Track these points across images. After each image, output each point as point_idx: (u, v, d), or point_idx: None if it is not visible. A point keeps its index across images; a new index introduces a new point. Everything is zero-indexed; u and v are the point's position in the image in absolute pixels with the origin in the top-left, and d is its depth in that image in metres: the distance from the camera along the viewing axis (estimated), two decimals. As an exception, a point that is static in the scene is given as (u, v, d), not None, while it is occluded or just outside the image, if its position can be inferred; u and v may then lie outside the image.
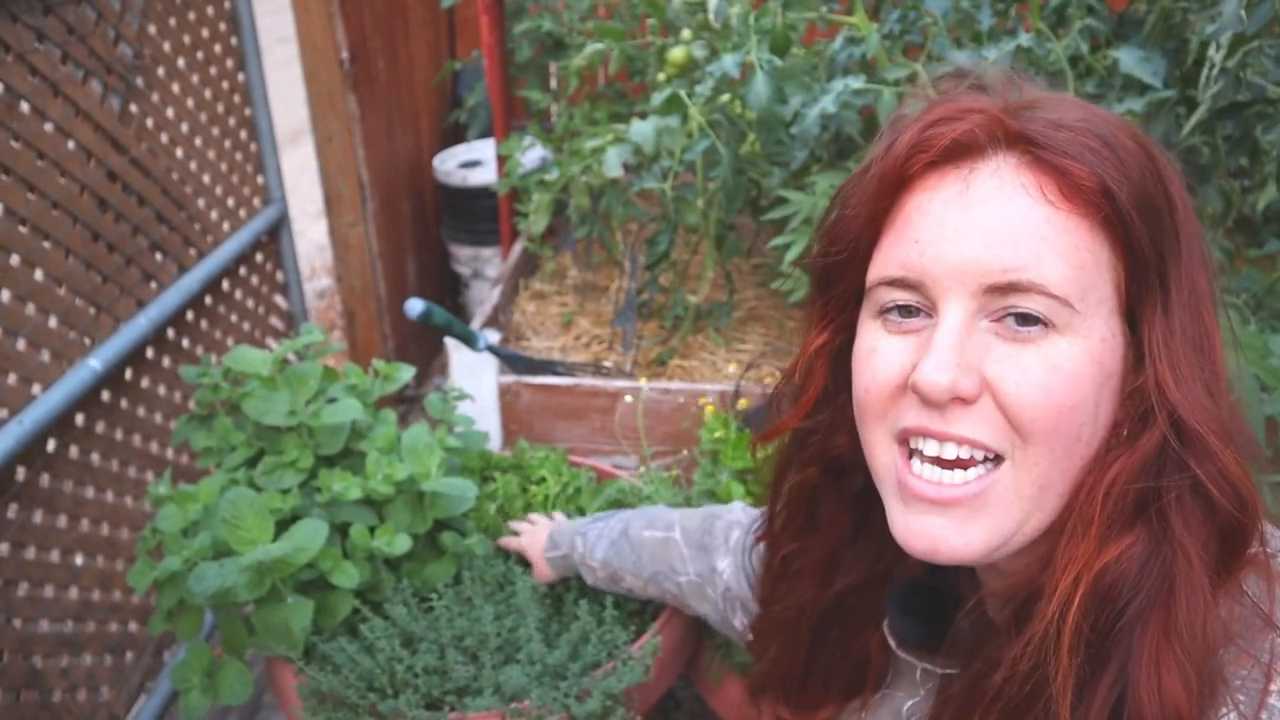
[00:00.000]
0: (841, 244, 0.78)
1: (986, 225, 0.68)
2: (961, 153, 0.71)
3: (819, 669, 0.95)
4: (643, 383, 2.16)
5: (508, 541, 1.65)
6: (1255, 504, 0.68)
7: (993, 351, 0.68)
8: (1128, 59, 1.84)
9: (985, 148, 0.71)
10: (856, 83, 1.90)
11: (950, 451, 0.70)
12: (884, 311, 0.74)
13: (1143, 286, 0.70)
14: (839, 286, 0.81)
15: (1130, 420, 0.69)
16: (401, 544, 1.51)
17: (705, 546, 1.31)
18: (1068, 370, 0.67)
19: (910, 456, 0.72)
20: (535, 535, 1.60)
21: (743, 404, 2.11)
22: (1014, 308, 0.68)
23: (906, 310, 0.73)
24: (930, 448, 0.70)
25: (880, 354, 0.73)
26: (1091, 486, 0.68)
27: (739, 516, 1.31)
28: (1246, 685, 0.64)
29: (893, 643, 0.85)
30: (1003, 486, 0.69)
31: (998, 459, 0.69)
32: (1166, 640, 0.65)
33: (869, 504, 0.86)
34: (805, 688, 0.96)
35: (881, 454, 0.75)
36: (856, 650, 0.92)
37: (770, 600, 1.01)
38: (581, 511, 1.76)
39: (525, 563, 1.68)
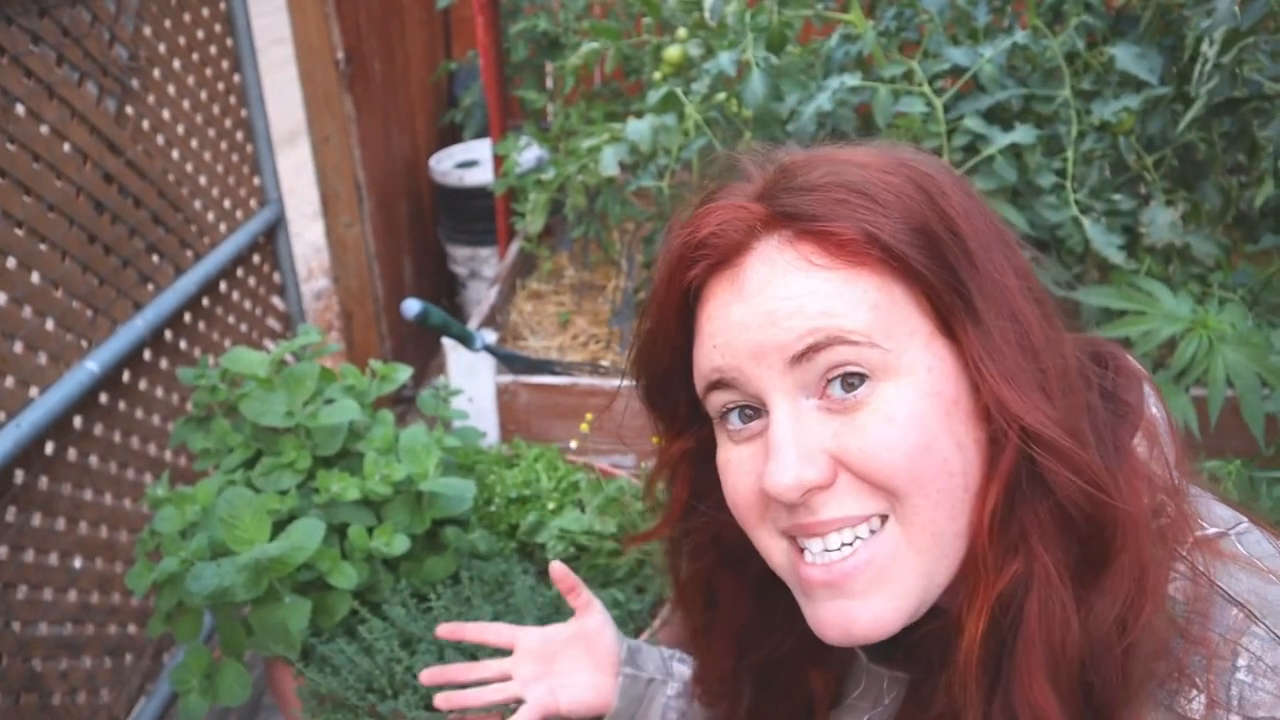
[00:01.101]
0: (655, 367, 0.81)
1: (766, 308, 0.69)
2: (727, 253, 0.72)
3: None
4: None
5: (499, 692, 1.12)
6: (1109, 497, 0.66)
7: (828, 427, 0.68)
8: (1124, 55, 1.84)
9: (747, 241, 0.72)
10: (852, 80, 1.90)
11: (834, 542, 0.69)
12: (723, 419, 0.75)
13: (946, 307, 0.69)
14: (669, 403, 0.83)
15: (992, 437, 0.69)
16: (400, 544, 1.51)
17: None
18: (904, 414, 0.67)
19: (801, 550, 0.72)
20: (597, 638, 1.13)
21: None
22: (829, 374, 0.68)
23: (745, 414, 0.73)
24: (815, 545, 0.70)
25: (733, 465, 0.74)
26: (978, 521, 0.68)
27: None
28: (1214, 663, 0.64)
29: (864, 657, 0.85)
30: (892, 546, 0.68)
31: (883, 518, 0.69)
32: (1033, 654, 0.65)
33: (774, 584, 0.84)
34: None
35: (774, 555, 0.75)
36: (796, 709, 0.92)
37: (699, 666, 1.00)
38: (581, 506, 1.76)
39: (525, 562, 1.68)
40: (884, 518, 0.69)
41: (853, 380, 0.68)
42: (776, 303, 0.69)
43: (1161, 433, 0.74)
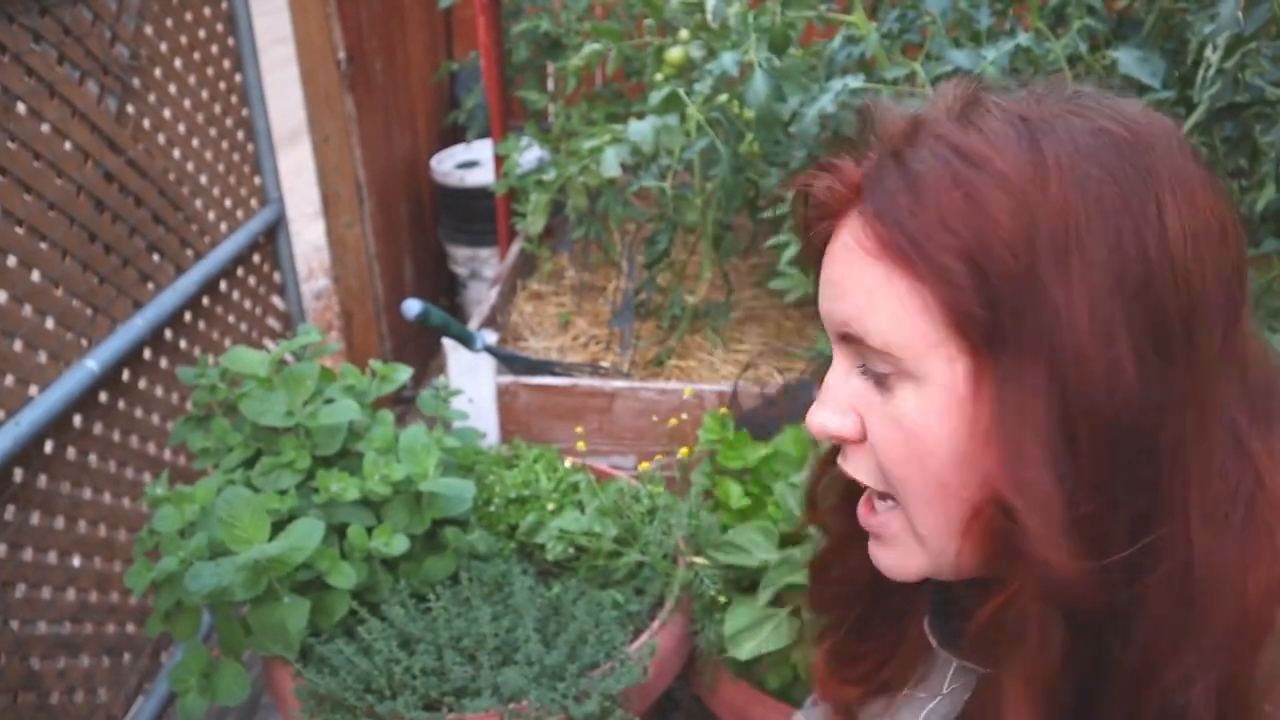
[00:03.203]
0: None
1: (831, 279, 0.72)
2: (835, 211, 0.74)
3: (867, 642, 0.96)
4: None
5: None
6: (1061, 596, 0.64)
7: (867, 397, 0.71)
8: (1126, 59, 1.84)
9: (845, 207, 0.73)
10: (855, 82, 1.90)
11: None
12: None
13: (976, 339, 0.65)
14: None
15: None
16: (399, 544, 1.51)
17: None
18: (909, 423, 0.68)
19: None
20: None
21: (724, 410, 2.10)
22: (859, 359, 0.72)
23: None
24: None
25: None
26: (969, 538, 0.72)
27: None
28: None
29: (934, 641, 0.85)
30: (897, 526, 0.73)
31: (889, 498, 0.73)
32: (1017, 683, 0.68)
33: None
34: (851, 659, 0.97)
35: None
36: (903, 631, 0.93)
37: (823, 571, 1.02)
38: (580, 507, 1.76)
39: (524, 562, 1.68)
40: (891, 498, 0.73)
41: (875, 372, 0.70)
42: (836, 279, 0.72)
43: None
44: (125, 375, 2.04)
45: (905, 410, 0.68)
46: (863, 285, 0.69)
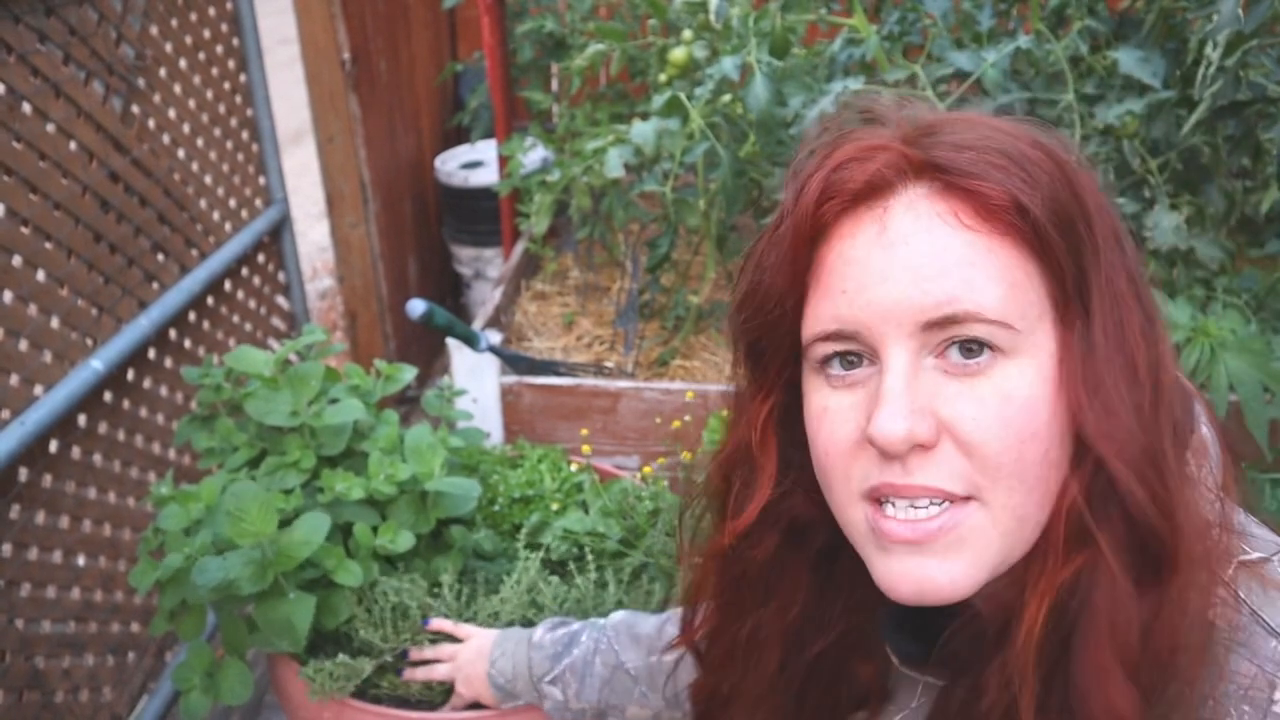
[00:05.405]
0: (767, 308, 0.76)
1: (912, 262, 0.67)
2: (872, 193, 0.70)
3: None
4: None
5: (429, 672, 1.43)
6: (1174, 522, 0.65)
7: (944, 390, 0.67)
8: (1127, 59, 1.84)
9: (894, 183, 0.69)
10: (856, 84, 1.90)
11: (922, 502, 0.68)
12: (824, 364, 0.72)
13: (1066, 302, 0.68)
14: (771, 350, 0.78)
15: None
16: (405, 542, 1.51)
17: None
18: (1022, 398, 0.66)
19: (882, 505, 0.70)
20: (468, 664, 1.40)
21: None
22: (955, 337, 0.67)
23: (848, 361, 0.71)
24: (900, 507, 0.69)
25: (831, 413, 0.72)
26: (1057, 510, 0.67)
27: None
28: (1250, 694, 0.63)
29: (895, 660, 0.84)
30: (977, 522, 0.67)
31: (967, 499, 0.68)
32: (1104, 654, 0.64)
33: (833, 560, 0.82)
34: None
35: (851, 513, 0.72)
36: (841, 702, 0.90)
37: (720, 684, 0.94)
38: (584, 507, 1.76)
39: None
40: (968, 499, 0.68)
41: (973, 347, 0.66)
42: (921, 259, 0.67)
43: (1211, 453, 0.72)
44: (130, 375, 2.05)
45: (1018, 385, 0.66)
46: (964, 259, 0.66)
